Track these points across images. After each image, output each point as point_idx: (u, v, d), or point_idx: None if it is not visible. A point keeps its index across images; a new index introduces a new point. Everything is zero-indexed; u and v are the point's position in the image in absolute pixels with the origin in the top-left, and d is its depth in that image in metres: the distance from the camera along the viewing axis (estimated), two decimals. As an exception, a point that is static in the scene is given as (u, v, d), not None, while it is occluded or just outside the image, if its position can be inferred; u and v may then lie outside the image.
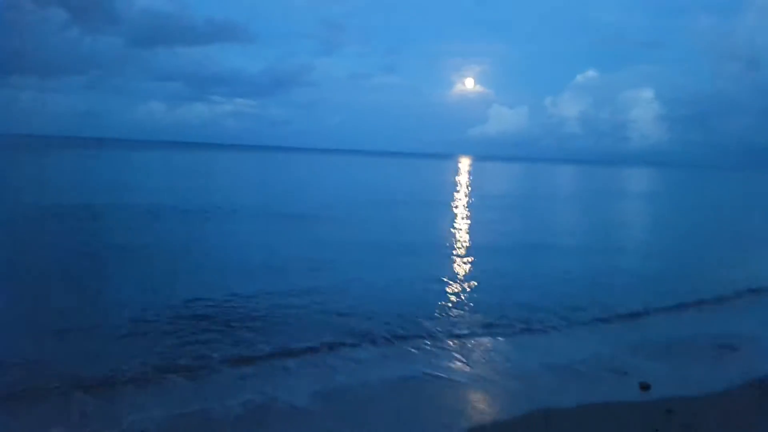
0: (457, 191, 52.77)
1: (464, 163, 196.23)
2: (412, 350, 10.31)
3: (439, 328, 11.42)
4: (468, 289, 14.74)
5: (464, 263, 18.34)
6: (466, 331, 11.36)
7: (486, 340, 11.05)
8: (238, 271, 15.84)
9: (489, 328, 11.61)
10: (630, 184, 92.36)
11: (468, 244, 22.62)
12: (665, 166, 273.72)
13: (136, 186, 41.59)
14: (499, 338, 11.19)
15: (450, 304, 13.26)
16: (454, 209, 35.27)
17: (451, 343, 10.75)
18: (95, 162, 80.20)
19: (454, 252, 20.26)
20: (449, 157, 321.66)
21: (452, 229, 26.72)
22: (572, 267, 18.70)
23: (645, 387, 8.71)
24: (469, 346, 10.68)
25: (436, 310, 12.64)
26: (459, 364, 9.78)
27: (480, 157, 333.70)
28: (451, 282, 15.40)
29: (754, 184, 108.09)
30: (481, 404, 8.36)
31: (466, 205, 37.55)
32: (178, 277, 14.85)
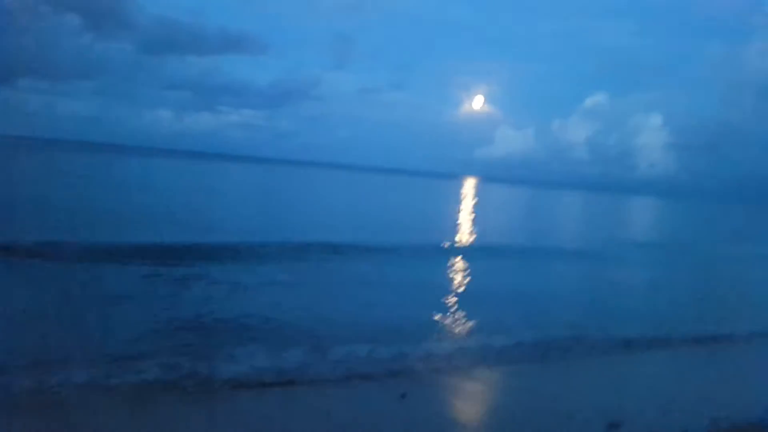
0: (458, 225, 49.59)
1: (470, 185, 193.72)
2: None
3: None
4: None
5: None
6: None
7: None
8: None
9: None
10: (641, 217, 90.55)
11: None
12: (672, 196, 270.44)
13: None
14: None
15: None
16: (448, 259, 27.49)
17: None
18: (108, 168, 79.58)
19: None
20: (455, 176, 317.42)
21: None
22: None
23: None
24: None
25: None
26: None
27: (486, 178, 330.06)
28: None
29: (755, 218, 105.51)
30: None
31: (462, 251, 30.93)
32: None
